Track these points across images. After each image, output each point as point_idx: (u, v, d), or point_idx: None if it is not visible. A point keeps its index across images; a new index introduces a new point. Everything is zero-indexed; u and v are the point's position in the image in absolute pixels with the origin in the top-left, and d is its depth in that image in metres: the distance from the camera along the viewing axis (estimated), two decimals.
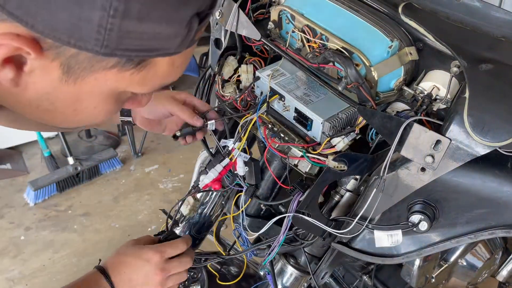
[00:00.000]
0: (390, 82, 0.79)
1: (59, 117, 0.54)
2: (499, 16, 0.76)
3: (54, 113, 0.53)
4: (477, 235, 0.74)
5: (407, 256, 0.82)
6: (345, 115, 0.83)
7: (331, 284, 1.19)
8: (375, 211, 0.80)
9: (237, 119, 0.95)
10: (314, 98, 0.86)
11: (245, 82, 0.94)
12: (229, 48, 0.97)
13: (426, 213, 0.75)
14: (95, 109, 0.53)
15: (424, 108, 0.74)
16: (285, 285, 1.04)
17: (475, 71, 0.69)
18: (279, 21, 0.90)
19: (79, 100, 0.50)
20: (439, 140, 0.68)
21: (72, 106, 0.51)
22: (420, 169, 0.72)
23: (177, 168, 2.76)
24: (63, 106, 0.51)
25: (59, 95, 0.49)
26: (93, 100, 0.51)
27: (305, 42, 0.85)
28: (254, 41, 0.92)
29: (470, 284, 1.09)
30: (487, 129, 0.64)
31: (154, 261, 0.82)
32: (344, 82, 0.77)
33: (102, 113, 0.54)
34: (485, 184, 0.70)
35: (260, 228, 0.97)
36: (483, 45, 0.75)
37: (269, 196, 0.99)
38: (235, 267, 1.16)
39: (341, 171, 0.79)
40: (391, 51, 0.76)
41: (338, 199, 0.87)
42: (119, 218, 2.40)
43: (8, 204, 2.47)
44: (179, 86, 3.37)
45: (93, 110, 0.52)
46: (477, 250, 1.01)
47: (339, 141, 0.82)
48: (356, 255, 0.86)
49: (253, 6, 0.94)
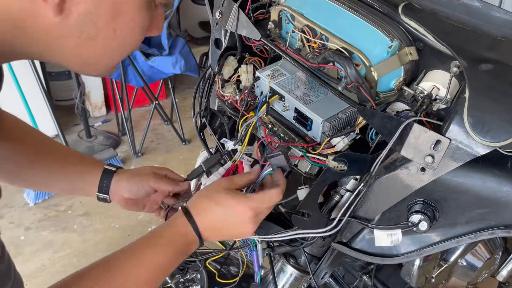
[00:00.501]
0: (390, 82, 0.79)
1: (99, 47, 0.57)
2: (499, 16, 0.76)
3: (95, 41, 0.55)
4: (477, 235, 0.74)
5: (407, 256, 0.82)
6: (345, 115, 0.83)
7: (331, 284, 1.19)
8: (375, 211, 0.80)
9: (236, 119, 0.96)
10: (314, 98, 0.86)
11: (245, 82, 0.94)
12: (229, 48, 0.97)
13: (426, 213, 0.75)
14: (134, 22, 0.57)
15: (424, 108, 0.74)
16: (285, 285, 1.04)
17: (475, 71, 0.69)
18: (279, 21, 0.90)
19: (119, 13, 0.54)
20: (439, 140, 0.68)
21: (112, 23, 0.55)
22: (420, 169, 0.72)
23: (177, 168, 2.74)
24: (104, 25, 0.54)
25: (100, 12, 0.53)
26: (131, 11, 0.55)
27: (305, 42, 0.85)
28: (254, 41, 0.92)
29: (470, 284, 1.09)
30: (487, 129, 0.64)
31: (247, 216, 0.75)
32: (344, 82, 0.77)
33: (137, 31, 0.58)
34: (485, 184, 0.70)
35: (260, 228, 0.97)
36: (483, 45, 0.75)
37: None
38: (235, 267, 1.16)
39: (341, 171, 0.79)
40: (391, 51, 0.76)
41: (338, 199, 0.87)
42: (119, 218, 2.40)
43: (8, 204, 2.47)
44: (179, 86, 3.38)
45: (132, 23, 0.57)
46: (477, 250, 1.01)
47: (339, 141, 0.82)
48: (356, 255, 0.86)
49: (253, 6, 0.94)
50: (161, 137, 3.04)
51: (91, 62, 0.60)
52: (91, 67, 0.61)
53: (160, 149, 2.93)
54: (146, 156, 2.87)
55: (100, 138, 2.95)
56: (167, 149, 2.93)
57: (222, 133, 1.05)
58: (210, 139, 1.05)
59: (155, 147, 2.95)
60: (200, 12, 3.59)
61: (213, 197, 0.76)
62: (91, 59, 0.59)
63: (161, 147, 2.95)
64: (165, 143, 2.98)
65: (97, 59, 0.59)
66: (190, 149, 2.95)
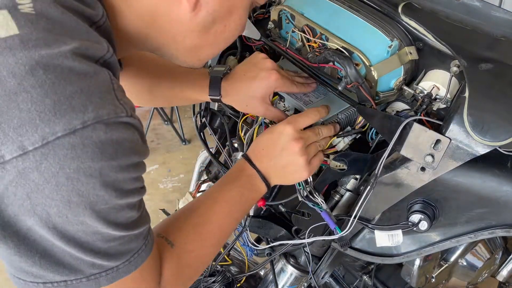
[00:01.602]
0: (390, 81, 0.79)
1: (210, 39, 0.63)
2: (499, 15, 0.76)
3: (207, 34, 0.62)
4: (477, 234, 0.74)
5: (407, 256, 0.82)
6: (344, 115, 0.83)
7: (331, 284, 1.19)
8: (375, 211, 0.80)
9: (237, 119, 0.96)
10: (314, 99, 0.86)
11: None
12: (229, 48, 0.97)
13: (426, 213, 0.75)
14: (240, 20, 0.64)
15: (424, 107, 0.74)
16: (285, 285, 1.04)
17: (475, 71, 0.69)
18: (279, 21, 0.90)
19: (233, 11, 0.62)
20: (439, 140, 0.68)
21: (225, 20, 0.62)
22: (420, 168, 0.72)
23: (177, 168, 2.77)
24: (219, 21, 0.62)
25: (221, 9, 0.60)
26: (240, 10, 0.63)
27: (305, 41, 0.85)
28: (254, 41, 0.93)
29: (470, 284, 1.09)
30: (487, 128, 0.64)
31: (287, 132, 0.76)
32: (344, 82, 0.77)
33: (240, 28, 0.65)
34: (485, 183, 0.70)
35: (260, 228, 0.97)
36: (483, 44, 0.75)
37: (268, 196, 0.99)
38: (235, 267, 1.16)
39: (341, 170, 0.79)
40: (391, 51, 0.76)
41: (338, 198, 0.87)
42: None
43: None
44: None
45: (239, 21, 0.64)
46: (477, 250, 1.01)
47: (340, 141, 0.82)
48: (356, 255, 0.86)
49: None
50: (161, 137, 3.04)
51: (197, 53, 0.66)
52: (195, 57, 0.67)
53: (160, 149, 2.93)
54: None
55: None
56: (167, 149, 2.93)
57: (222, 133, 1.05)
58: (210, 139, 1.05)
59: (155, 147, 2.94)
60: None
61: (258, 137, 0.83)
62: (198, 49, 0.65)
63: (161, 147, 2.95)
64: (165, 143, 2.98)
65: (203, 49, 0.66)
66: (190, 149, 2.95)
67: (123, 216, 0.52)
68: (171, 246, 0.67)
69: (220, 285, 1.04)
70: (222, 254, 1.02)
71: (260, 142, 0.80)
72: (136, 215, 0.55)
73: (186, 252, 0.69)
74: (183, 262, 0.68)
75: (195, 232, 0.71)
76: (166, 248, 0.66)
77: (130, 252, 0.55)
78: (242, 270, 1.15)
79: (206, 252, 0.73)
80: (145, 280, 0.60)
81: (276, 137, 0.78)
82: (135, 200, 0.54)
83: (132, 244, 0.55)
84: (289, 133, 0.76)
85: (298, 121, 0.78)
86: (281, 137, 0.77)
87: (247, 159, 0.79)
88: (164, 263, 0.64)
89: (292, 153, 0.76)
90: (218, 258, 1.02)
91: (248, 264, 1.10)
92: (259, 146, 0.80)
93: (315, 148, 0.79)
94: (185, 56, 0.67)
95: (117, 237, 0.53)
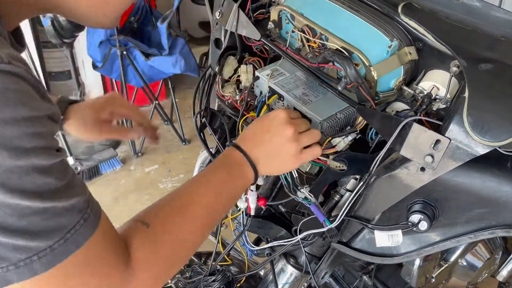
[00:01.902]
0: (389, 81, 0.79)
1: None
2: (499, 16, 0.76)
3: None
4: (477, 234, 0.74)
5: (407, 256, 0.82)
6: (344, 115, 0.83)
7: (331, 284, 1.19)
8: (375, 211, 0.80)
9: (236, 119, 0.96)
10: (313, 98, 0.86)
11: (245, 82, 0.94)
12: (229, 48, 0.97)
13: (426, 213, 0.75)
14: None
15: (424, 107, 0.74)
16: (285, 285, 1.04)
17: (474, 71, 0.69)
18: (279, 21, 0.90)
19: None
20: (438, 140, 0.68)
21: None
22: (419, 168, 0.72)
23: (177, 168, 2.76)
24: None
25: None
26: None
27: (305, 42, 0.85)
28: (254, 41, 0.93)
29: (470, 284, 1.09)
30: (487, 128, 0.64)
31: (279, 117, 0.75)
32: (344, 82, 0.77)
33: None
34: (484, 183, 0.70)
35: (260, 228, 0.97)
36: (483, 44, 0.75)
37: (269, 196, 0.99)
38: (235, 267, 1.16)
39: (341, 170, 0.79)
40: (391, 51, 0.76)
41: (338, 199, 0.87)
42: (119, 218, 2.39)
43: None
44: (179, 86, 3.38)
45: None
46: (477, 250, 1.01)
47: (340, 141, 0.82)
48: (356, 255, 0.86)
49: (253, 6, 0.94)
50: (161, 137, 3.04)
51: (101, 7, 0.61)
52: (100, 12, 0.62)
53: (160, 149, 2.93)
54: (146, 156, 2.87)
55: None
56: (167, 149, 2.93)
57: (222, 133, 1.05)
58: (210, 139, 1.05)
59: (155, 147, 2.94)
60: (200, 12, 3.59)
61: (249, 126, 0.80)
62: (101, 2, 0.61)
63: (161, 147, 2.95)
64: (165, 143, 2.98)
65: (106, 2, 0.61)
66: (190, 149, 2.95)
67: (31, 182, 0.45)
68: (147, 226, 0.60)
69: (220, 283, 1.04)
70: (222, 254, 1.02)
71: (250, 128, 0.78)
72: (55, 182, 0.47)
73: (163, 232, 0.61)
74: (159, 243, 0.60)
75: (176, 214, 0.65)
76: (140, 229, 0.60)
77: (62, 229, 0.47)
78: (242, 270, 1.15)
79: (189, 236, 0.65)
80: (99, 262, 0.52)
81: (268, 122, 0.76)
82: (43, 162, 0.46)
83: (62, 219, 0.48)
84: (281, 117, 0.75)
85: (290, 112, 0.78)
86: (272, 122, 0.75)
87: (235, 146, 0.75)
88: (134, 244, 0.58)
89: (283, 138, 0.74)
90: (218, 258, 1.02)
91: (248, 264, 1.10)
92: (249, 131, 0.77)
93: (308, 138, 0.77)
94: (88, 12, 0.61)
95: (36, 210, 0.45)
